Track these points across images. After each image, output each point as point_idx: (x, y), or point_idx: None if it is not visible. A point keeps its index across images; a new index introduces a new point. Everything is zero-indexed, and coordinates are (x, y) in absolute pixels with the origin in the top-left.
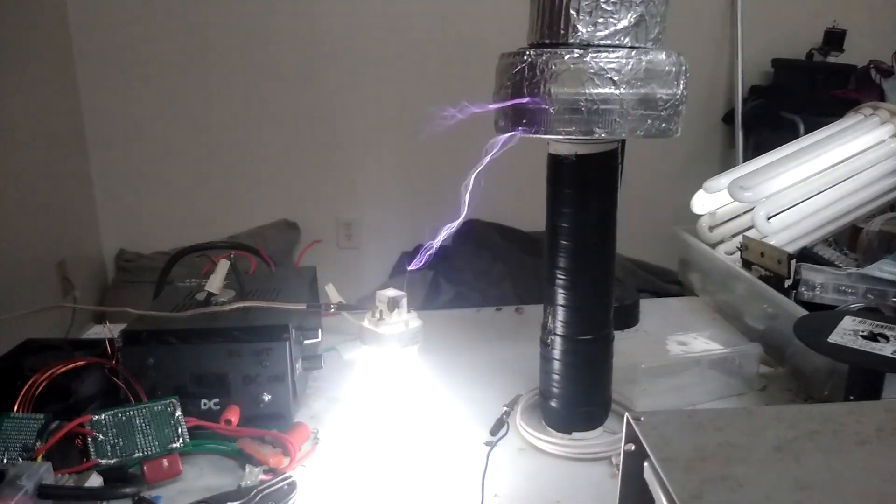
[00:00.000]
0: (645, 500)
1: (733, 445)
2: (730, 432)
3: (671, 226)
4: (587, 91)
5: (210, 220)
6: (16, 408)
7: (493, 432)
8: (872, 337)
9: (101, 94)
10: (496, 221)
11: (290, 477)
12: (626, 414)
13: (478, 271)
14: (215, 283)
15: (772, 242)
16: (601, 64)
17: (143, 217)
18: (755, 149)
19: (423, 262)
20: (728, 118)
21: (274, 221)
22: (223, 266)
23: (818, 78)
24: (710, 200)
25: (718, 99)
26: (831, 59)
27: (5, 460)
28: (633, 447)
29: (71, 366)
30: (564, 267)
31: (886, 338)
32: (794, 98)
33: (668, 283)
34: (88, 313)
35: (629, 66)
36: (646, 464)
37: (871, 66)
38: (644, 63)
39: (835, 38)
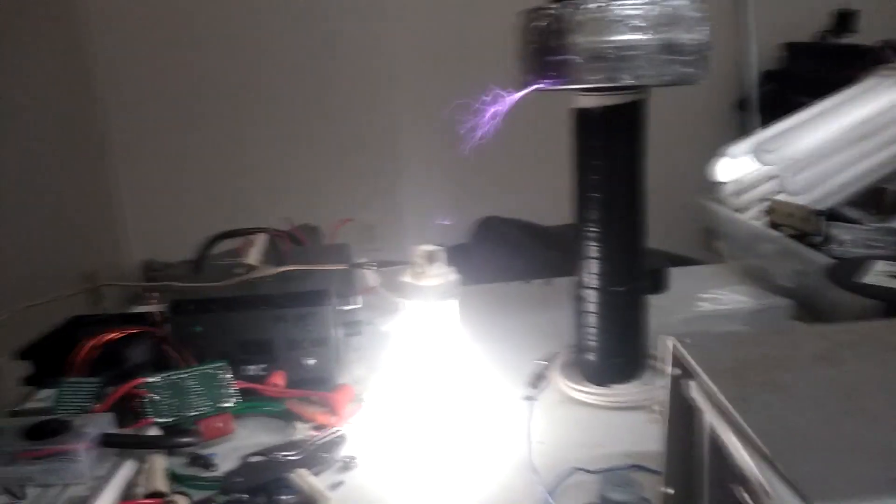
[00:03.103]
0: (689, 431)
1: (776, 357)
2: (771, 346)
3: (682, 213)
4: (612, 38)
5: (236, 225)
6: (72, 373)
7: (534, 385)
8: None
9: (123, 105)
10: (514, 217)
11: (340, 431)
12: (671, 338)
13: (497, 268)
14: (254, 254)
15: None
16: (626, 11)
17: (170, 226)
18: None
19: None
20: (741, 105)
21: (297, 226)
22: (261, 239)
23: (831, 60)
24: (732, 167)
25: (728, 85)
26: (844, 40)
27: None
28: (679, 371)
29: (123, 333)
30: (595, 219)
31: None
32: (808, 81)
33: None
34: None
35: (654, 13)
36: (692, 383)
37: (885, 45)
38: (668, 8)
39: (847, 19)
